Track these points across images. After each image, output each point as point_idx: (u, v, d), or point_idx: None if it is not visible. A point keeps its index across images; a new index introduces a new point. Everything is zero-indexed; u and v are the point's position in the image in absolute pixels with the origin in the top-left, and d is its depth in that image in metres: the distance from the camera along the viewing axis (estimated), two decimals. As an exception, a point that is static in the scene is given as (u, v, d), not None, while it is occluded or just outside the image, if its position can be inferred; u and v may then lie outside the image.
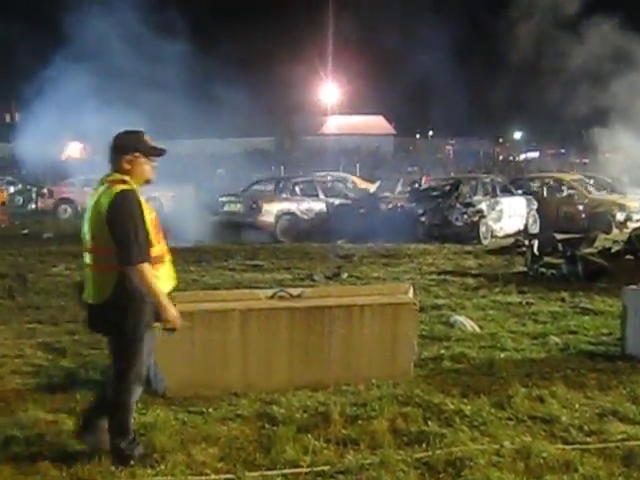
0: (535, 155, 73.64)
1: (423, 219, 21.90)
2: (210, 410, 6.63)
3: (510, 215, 22.98)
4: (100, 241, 5.38)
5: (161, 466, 5.50)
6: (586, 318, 10.61)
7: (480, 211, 21.68)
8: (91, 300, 5.50)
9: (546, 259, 14.91)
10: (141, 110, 18.68)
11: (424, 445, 5.85)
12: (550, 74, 29.80)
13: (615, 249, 16.06)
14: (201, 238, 20.73)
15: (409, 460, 5.58)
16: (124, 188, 5.35)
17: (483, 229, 21.50)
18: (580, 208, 25.07)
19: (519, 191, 24.95)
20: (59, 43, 20.60)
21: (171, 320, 5.38)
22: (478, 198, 22.54)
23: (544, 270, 14.35)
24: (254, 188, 25.10)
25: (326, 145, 63.12)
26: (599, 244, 17.78)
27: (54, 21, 22.14)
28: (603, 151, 32.60)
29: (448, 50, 35.46)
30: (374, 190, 29.07)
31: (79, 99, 20.21)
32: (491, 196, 22.97)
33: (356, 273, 15.15)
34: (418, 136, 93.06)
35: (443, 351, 8.72)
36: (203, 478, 5.43)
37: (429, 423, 6.29)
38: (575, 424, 6.32)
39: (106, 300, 5.38)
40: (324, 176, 26.29)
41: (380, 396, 6.93)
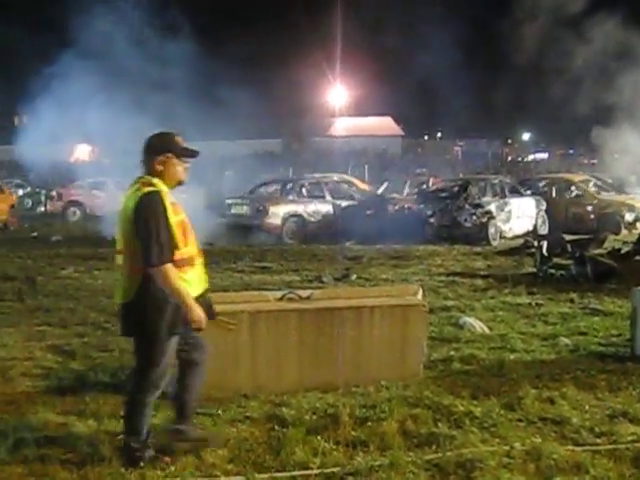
0: (544, 156, 73.54)
1: (432, 220, 21.89)
2: (219, 412, 6.63)
3: (519, 216, 22.94)
4: (128, 242, 5.44)
5: (171, 468, 5.50)
6: (596, 319, 10.59)
7: (489, 212, 21.66)
8: (119, 300, 5.56)
9: (555, 260, 14.87)
10: (150, 112, 18.70)
11: (434, 447, 5.84)
12: (557, 74, 29.72)
13: (624, 250, 16.03)
14: (210, 240, 20.76)
15: (419, 462, 5.57)
16: (150, 190, 5.39)
17: (492, 230, 21.47)
18: (589, 209, 24.99)
19: (528, 192, 24.91)
20: (66, 46, 20.66)
21: (196, 320, 5.39)
22: (487, 199, 22.52)
23: (553, 271, 14.33)
24: (260, 190, 25.08)
25: (334, 147, 63.12)
26: (608, 245, 17.74)
27: (61, 24, 22.20)
28: (611, 151, 32.46)
29: (456, 51, 35.50)
30: (381, 192, 29.03)
31: (86, 102, 20.27)
32: (500, 197, 22.94)
33: (365, 275, 15.14)
34: (426, 137, 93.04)
35: (453, 352, 8.71)
36: (213, 480, 5.44)
37: (439, 425, 6.28)
38: (585, 425, 6.30)
39: (131, 300, 5.43)
40: (320, 178, 26.17)
41: (390, 398, 6.92)
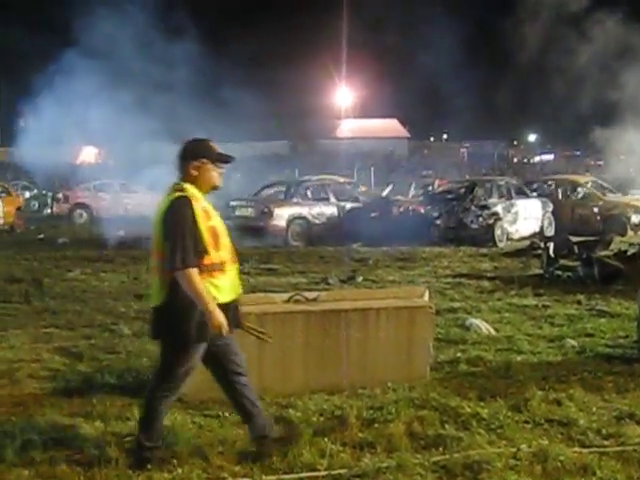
0: (550, 157, 73.48)
1: (438, 222, 21.89)
2: (226, 414, 6.63)
3: (525, 217, 22.91)
4: (159, 246, 5.48)
5: (178, 470, 5.50)
6: (602, 321, 10.58)
7: (495, 214, 21.64)
8: (152, 303, 5.60)
9: (562, 262, 14.86)
10: (155, 114, 18.72)
11: (441, 448, 5.84)
12: (562, 74, 29.66)
13: (631, 251, 15.99)
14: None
15: (426, 464, 5.57)
16: (179, 195, 5.44)
17: (498, 232, 21.45)
18: (595, 210, 24.94)
19: (534, 193, 24.89)
20: (69, 47, 20.65)
21: (216, 326, 5.38)
22: (493, 201, 22.50)
23: (560, 273, 14.33)
24: (264, 192, 25.07)
25: (340, 149, 63.13)
26: (615, 246, 17.70)
27: (65, 26, 22.20)
28: (616, 152, 32.40)
29: (461, 53, 35.41)
30: (386, 194, 29.01)
31: (91, 104, 20.28)
32: (506, 198, 22.92)
33: (371, 276, 15.15)
34: (432, 139, 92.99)
35: (459, 354, 8.70)
36: (220, 482, 5.44)
37: (446, 426, 6.28)
38: (592, 427, 6.29)
39: (161, 304, 5.48)
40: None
41: (396, 399, 6.92)
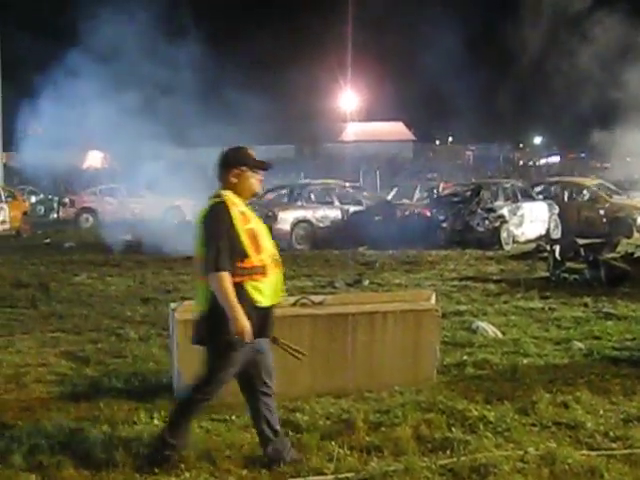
0: (556, 160, 73.45)
1: (445, 225, 21.86)
2: (233, 418, 6.63)
3: (532, 220, 22.86)
4: (200, 251, 5.52)
5: (185, 474, 5.51)
6: (609, 323, 10.56)
7: (502, 216, 21.60)
8: (196, 309, 5.63)
9: (568, 264, 14.82)
10: (162, 118, 18.74)
11: (448, 452, 5.84)
12: (567, 77, 29.66)
13: (638, 254, 15.95)
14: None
15: (433, 467, 5.57)
16: (216, 200, 5.53)
17: (504, 234, 21.41)
18: (601, 212, 24.86)
19: (540, 196, 24.84)
20: (74, 51, 20.69)
21: (239, 332, 5.36)
22: (499, 203, 22.45)
23: (566, 275, 14.30)
24: (267, 196, 25.08)
25: (346, 152, 63.14)
26: (621, 249, 17.66)
27: (70, 29, 22.25)
28: (623, 155, 32.36)
29: (467, 56, 35.47)
30: (391, 197, 28.98)
31: (96, 108, 20.30)
32: (512, 201, 22.88)
33: (377, 280, 15.13)
34: (438, 142, 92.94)
35: (466, 357, 8.69)
36: (227, 485, 5.44)
37: (453, 429, 6.27)
38: (600, 430, 6.28)
39: (205, 309, 5.50)
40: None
41: (403, 403, 6.92)
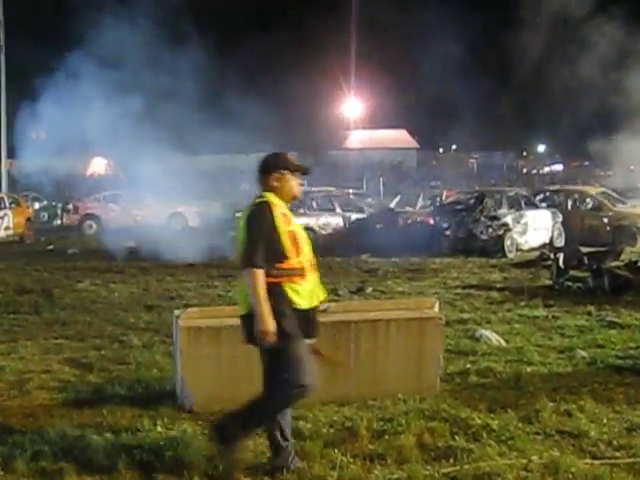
0: (559, 168, 73.44)
1: (448, 233, 21.85)
2: (236, 425, 6.62)
3: (535, 228, 22.82)
4: (241, 250, 5.56)
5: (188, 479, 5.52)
6: (613, 332, 10.54)
7: (505, 224, 21.58)
8: (241, 311, 5.65)
9: (572, 272, 14.80)
10: (166, 126, 18.75)
11: (451, 460, 5.83)
12: (570, 86, 29.64)
13: (642, 262, 15.92)
14: (225, 254, 20.63)
15: (436, 475, 5.57)
16: (259, 201, 5.62)
17: (508, 242, 21.38)
18: (605, 221, 24.81)
19: (543, 204, 24.82)
20: (77, 59, 20.72)
21: (262, 332, 5.37)
22: (503, 211, 22.44)
23: (570, 283, 14.28)
24: None
25: (349, 160, 63.19)
26: (625, 257, 17.65)
27: (74, 37, 22.28)
28: (627, 163, 32.33)
29: (470, 64, 35.47)
30: (393, 205, 28.98)
31: (98, 114, 20.34)
32: (516, 209, 22.86)
33: (381, 287, 15.12)
34: (441, 150, 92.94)
35: (469, 365, 8.68)
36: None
37: (456, 438, 6.27)
38: (603, 439, 6.27)
39: (251, 310, 5.49)
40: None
41: (407, 411, 6.91)
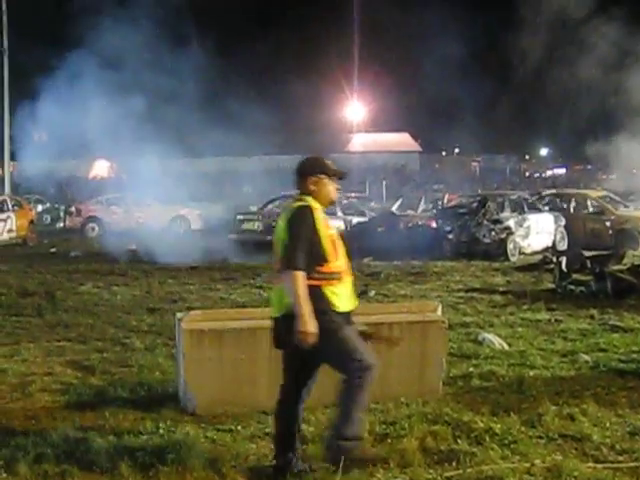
0: (562, 171, 73.47)
1: (451, 236, 21.83)
2: (239, 428, 6.64)
3: (538, 232, 22.79)
4: (282, 253, 5.58)
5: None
6: (616, 335, 10.53)
7: (508, 228, 21.55)
8: (274, 313, 5.65)
9: (574, 276, 14.78)
10: (168, 129, 18.76)
11: (454, 464, 5.82)
12: (572, 89, 29.62)
13: (644, 266, 15.90)
14: (225, 256, 20.62)
15: (439, 479, 5.57)
16: (300, 204, 5.64)
17: (511, 246, 21.35)
18: (607, 224, 24.76)
19: (546, 207, 24.80)
20: (79, 61, 20.76)
21: (302, 332, 5.39)
22: (505, 215, 22.41)
23: (573, 287, 14.26)
24: (270, 207, 25.08)
25: (352, 163, 63.15)
26: (628, 261, 17.63)
27: (74, 37, 22.32)
28: (629, 167, 32.24)
29: (473, 67, 35.46)
30: (395, 208, 28.98)
31: (100, 117, 20.35)
32: (519, 213, 22.84)
33: (383, 291, 15.09)
34: (444, 153, 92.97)
35: (472, 369, 8.68)
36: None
37: (459, 441, 6.26)
38: (606, 442, 6.27)
39: (290, 311, 5.49)
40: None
41: (409, 414, 6.91)
